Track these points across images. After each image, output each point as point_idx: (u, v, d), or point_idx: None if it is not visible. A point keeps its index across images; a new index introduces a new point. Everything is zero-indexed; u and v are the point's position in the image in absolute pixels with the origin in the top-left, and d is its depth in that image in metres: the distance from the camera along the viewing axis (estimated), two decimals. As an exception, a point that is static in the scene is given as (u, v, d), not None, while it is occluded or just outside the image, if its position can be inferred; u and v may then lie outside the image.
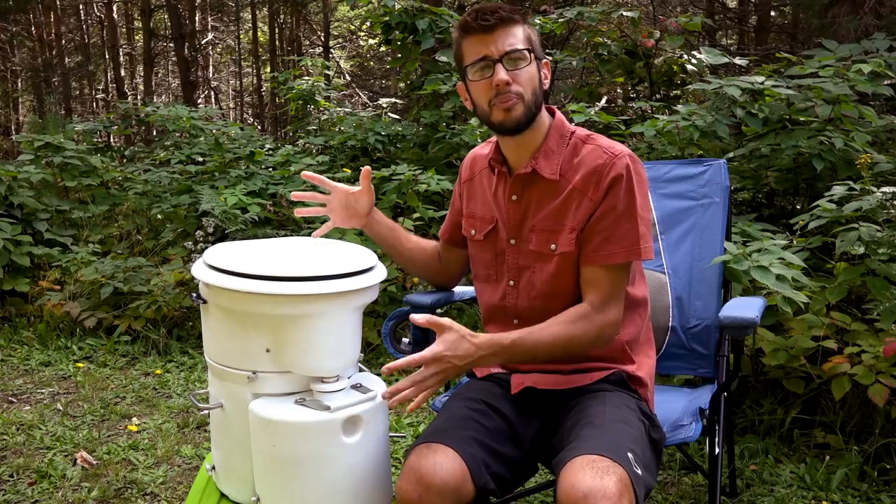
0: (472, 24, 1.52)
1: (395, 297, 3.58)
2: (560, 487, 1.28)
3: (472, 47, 1.54)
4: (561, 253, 1.55)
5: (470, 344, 1.43)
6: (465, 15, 1.55)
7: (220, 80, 19.38)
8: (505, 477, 1.50)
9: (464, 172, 1.77)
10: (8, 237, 4.23)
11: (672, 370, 2.09)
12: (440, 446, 1.41)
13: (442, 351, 1.41)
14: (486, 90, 1.53)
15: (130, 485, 2.44)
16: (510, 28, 1.52)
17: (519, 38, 1.52)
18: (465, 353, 1.42)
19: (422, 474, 1.37)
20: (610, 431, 1.41)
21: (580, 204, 1.53)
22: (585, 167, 1.54)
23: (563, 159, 1.58)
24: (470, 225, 1.72)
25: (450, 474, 1.37)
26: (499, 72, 1.50)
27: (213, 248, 1.60)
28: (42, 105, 14.48)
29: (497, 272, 1.66)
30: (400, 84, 6.79)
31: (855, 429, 2.52)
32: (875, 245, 2.51)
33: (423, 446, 1.42)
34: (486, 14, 1.51)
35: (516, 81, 1.51)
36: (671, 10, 9.20)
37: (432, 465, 1.37)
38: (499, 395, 1.62)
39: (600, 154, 1.54)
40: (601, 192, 1.52)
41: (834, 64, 3.28)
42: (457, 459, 1.39)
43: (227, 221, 4.03)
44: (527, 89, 1.52)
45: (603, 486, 1.24)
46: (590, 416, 1.47)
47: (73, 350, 3.79)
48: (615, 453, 1.31)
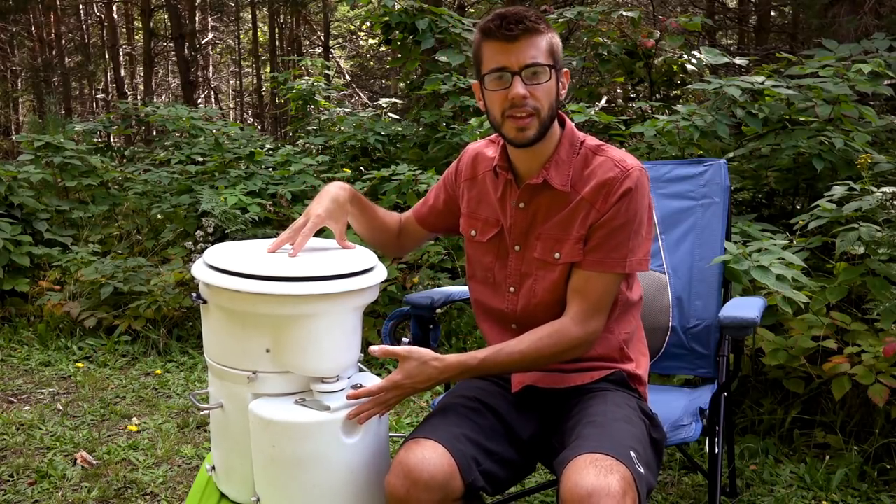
0: (496, 32, 1.47)
1: (395, 297, 3.58)
2: (563, 486, 1.28)
3: (492, 54, 1.49)
4: (565, 262, 1.55)
5: (433, 369, 1.47)
6: (490, 18, 1.49)
7: (220, 80, 19.38)
8: (497, 475, 1.50)
9: (464, 170, 1.72)
10: (8, 237, 4.23)
11: (672, 370, 2.09)
12: (428, 441, 1.41)
13: (400, 380, 1.47)
14: (501, 100, 1.49)
15: (130, 485, 2.44)
16: (534, 39, 1.46)
17: (542, 49, 1.47)
18: (426, 378, 1.48)
19: (409, 469, 1.37)
20: (612, 430, 1.41)
21: (587, 214, 1.53)
22: (597, 179, 1.53)
23: (573, 170, 1.56)
24: (470, 225, 1.69)
25: (438, 469, 1.37)
26: (516, 85, 1.46)
27: (213, 248, 1.60)
28: (42, 105, 14.47)
29: (497, 277, 1.65)
30: (400, 84, 6.79)
31: (855, 429, 2.52)
32: (875, 245, 2.51)
33: (411, 441, 1.43)
34: (510, 23, 1.45)
35: (534, 96, 1.47)
36: (671, 10, 9.20)
37: (420, 460, 1.37)
38: (496, 393, 1.62)
39: (612, 167, 1.53)
40: (609, 205, 1.51)
41: (834, 64, 3.28)
42: (445, 455, 1.39)
43: (227, 221, 4.03)
44: (543, 104, 1.48)
45: (607, 485, 1.25)
46: (592, 416, 1.48)
47: (73, 350, 3.79)
48: (618, 452, 1.32)
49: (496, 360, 1.50)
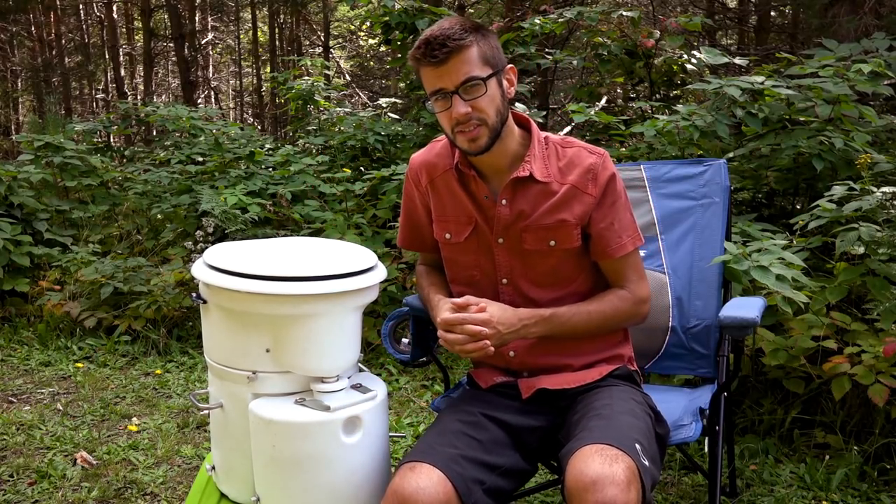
0: (423, 60, 1.49)
1: (395, 297, 3.58)
2: (569, 475, 1.28)
3: (428, 78, 1.51)
4: (563, 249, 1.59)
5: (511, 313, 1.53)
6: (416, 45, 1.50)
7: (220, 80, 19.37)
8: (504, 488, 1.48)
9: (421, 177, 1.71)
10: (8, 237, 4.23)
11: (672, 370, 2.09)
12: (425, 466, 1.37)
13: (488, 318, 1.49)
14: (447, 119, 1.52)
15: (130, 485, 2.44)
16: (462, 55, 1.47)
17: (474, 62, 1.48)
18: (508, 323, 1.51)
19: (405, 498, 1.33)
20: (618, 423, 1.42)
21: (581, 200, 1.58)
22: (579, 167, 1.59)
23: (549, 163, 1.61)
24: (443, 229, 1.68)
25: (434, 498, 1.33)
26: (457, 105, 1.48)
27: (213, 248, 1.60)
28: (42, 105, 14.47)
29: (484, 272, 1.65)
30: (400, 84, 6.78)
31: (855, 429, 2.52)
32: (875, 245, 2.51)
33: (406, 467, 1.38)
34: (434, 49, 1.46)
35: (476, 108, 1.49)
36: (671, 10, 9.19)
37: (415, 490, 1.33)
38: (501, 404, 1.61)
39: (588, 154, 1.61)
40: (600, 188, 1.58)
41: (834, 64, 3.28)
42: (442, 481, 1.35)
43: (227, 221, 4.03)
44: (489, 113, 1.50)
45: (612, 473, 1.25)
46: (597, 409, 1.49)
47: (73, 350, 3.79)
48: (623, 443, 1.32)
49: (566, 316, 1.57)
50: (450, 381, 2.02)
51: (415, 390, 3.27)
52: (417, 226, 1.76)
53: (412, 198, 1.75)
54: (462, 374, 2.40)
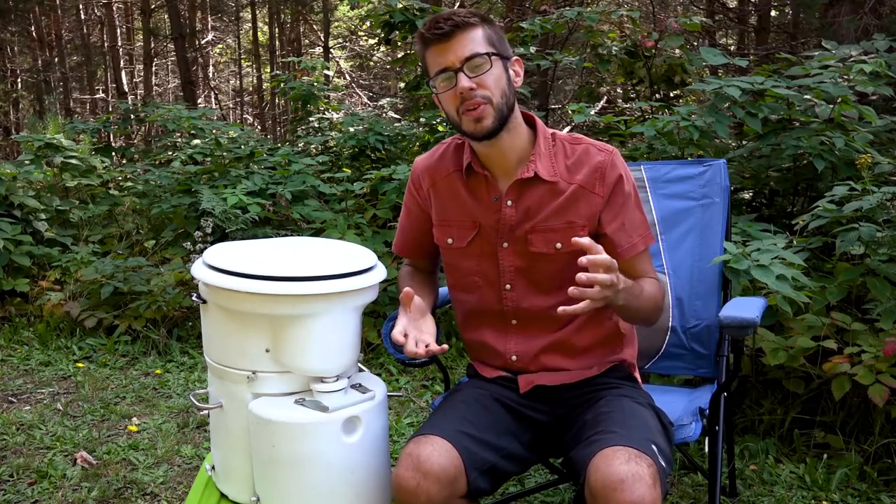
0: (429, 34, 1.50)
1: (395, 297, 3.58)
2: (594, 475, 1.29)
3: (433, 58, 1.51)
4: (569, 251, 1.52)
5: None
6: (423, 26, 1.52)
7: (220, 80, 19.38)
8: (505, 470, 1.51)
9: (423, 181, 1.69)
10: (8, 237, 4.23)
11: (672, 370, 2.09)
12: (436, 438, 1.41)
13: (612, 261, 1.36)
14: (452, 99, 1.50)
15: (130, 485, 2.44)
16: (468, 33, 1.48)
17: (479, 41, 1.49)
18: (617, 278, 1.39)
19: (420, 461, 1.37)
20: (634, 425, 1.43)
21: (589, 201, 1.55)
22: (587, 166, 1.56)
23: (556, 161, 1.58)
24: (445, 234, 1.66)
25: (448, 462, 1.38)
26: (461, 80, 1.48)
27: (212, 248, 1.60)
28: (42, 105, 14.47)
29: (486, 277, 1.63)
30: (400, 84, 6.78)
31: (855, 429, 2.52)
32: (875, 245, 2.51)
33: (419, 436, 1.43)
34: (439, 22, 1.48)
35: (481, 85, 1.48)
36: (671, 10, 9.20)
37: (430, 453, 1.38)
38: (502, 394, 1.62)
39: (596, 152, 1.57)
40: (608, 188, 1.55)
41: (834, 64, 3.28)
42: (452, 451, 1.40)
43: (227, 221, 4.03)
44: (494, 92, 1.49)
45: (639, 471, 1.27)
46: (609, 411, 1.49)
47: (73, 350, 3.79)
48: (643, 445, 1.33)
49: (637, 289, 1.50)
50: (450, 381, 2.03)
51: (415, 390, 3.27)
52: (414, 233, 1.75)
53: (411, 204, 1.75)
54: (462, 375, 2.40)
